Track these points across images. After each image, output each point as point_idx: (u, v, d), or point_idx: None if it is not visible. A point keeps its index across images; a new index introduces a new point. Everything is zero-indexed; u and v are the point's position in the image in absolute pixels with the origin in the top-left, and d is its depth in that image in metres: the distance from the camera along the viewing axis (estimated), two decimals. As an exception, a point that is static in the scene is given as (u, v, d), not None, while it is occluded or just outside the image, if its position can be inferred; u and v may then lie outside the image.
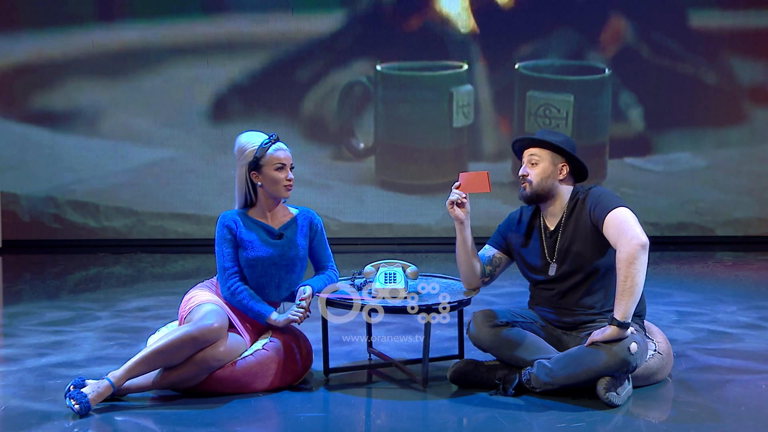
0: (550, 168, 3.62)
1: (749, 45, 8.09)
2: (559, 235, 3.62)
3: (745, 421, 3.33)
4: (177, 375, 3.49)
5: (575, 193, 3.65)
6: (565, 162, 3.63)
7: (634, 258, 3.34)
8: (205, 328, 3.48)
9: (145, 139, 8.10)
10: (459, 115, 7.94)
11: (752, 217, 8.19)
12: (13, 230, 8.06)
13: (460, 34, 8.06)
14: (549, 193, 3.63)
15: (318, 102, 8.13)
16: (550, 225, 3.67)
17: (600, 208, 3.51)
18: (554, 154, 3.63)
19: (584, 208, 3.58)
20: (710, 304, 5.44)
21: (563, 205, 3.65)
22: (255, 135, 3.79)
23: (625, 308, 3.35)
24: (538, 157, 3.63)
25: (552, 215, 3.67)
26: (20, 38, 8.01)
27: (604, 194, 3.57)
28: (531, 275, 3.72)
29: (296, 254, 3.78)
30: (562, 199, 3.65)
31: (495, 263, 3.80)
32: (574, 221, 3.60)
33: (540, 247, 3.67)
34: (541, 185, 3.62)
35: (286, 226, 3.81)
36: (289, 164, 3.77)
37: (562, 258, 3.60)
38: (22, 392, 3.65)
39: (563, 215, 3.64)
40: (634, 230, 3.39)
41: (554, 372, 3.44)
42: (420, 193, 8.13)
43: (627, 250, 3.35)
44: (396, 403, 3.56)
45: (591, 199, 3.57)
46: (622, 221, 3.44)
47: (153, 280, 6.75)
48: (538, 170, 3.62)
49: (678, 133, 8.19)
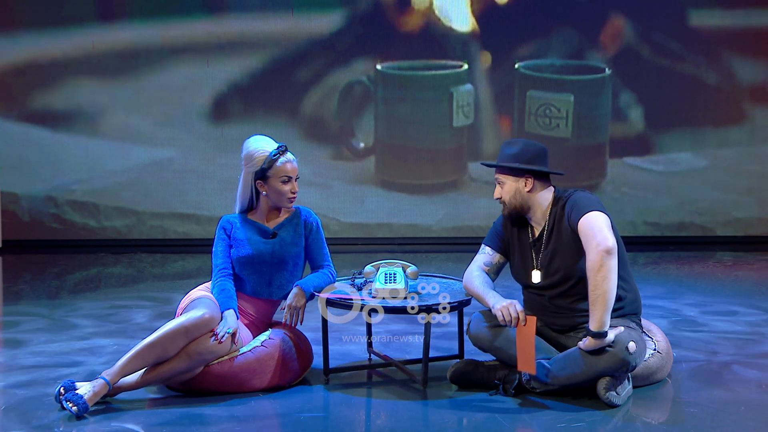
0: (514, 185, 3.64)
1: (749, 45, 8.09)
2: (543, 243, 3.62)
3: (745, 421, 3.33)
4: (169, 367, 3.48)
5: (557, 199, 3.64)
6: (527, 174, 3.62)
7: (600, 265, 3.32)
8: (196, 319, 3.49)
9: (145, 139, 8.10)
10: (459, 115, 7.93)
11: (752, 217, 8.19)
12: (13, 230, 8.06)
13: (460, 34, 8.06)
14: (525, 206, 3.63)
15: (318, 102, 8.13)
16: (535, 232, 3.67)
17: (575, 214, 3.49)
18: (513, 171, 3.63)
19: (564, 214, 3.56)
20: (710, 304, 5.44)
21: (545, 212, 3.64)
22: (265, 141, 3.79)
23: (599, 318, 3.33)
24: (502, 178, 3.67)
25: (536, 223, 3.67)
26: (20, 38, 8.00)
27: (581, 198, 3.53)
28: (520, 279, 3.72)
29: (288, 252, 3.78)
30: (542, 206, 3.63)
31: (497, 267, 3.77)
32: (556, 229, 3.59)
33: (527, 252, 3.67)
34: (513, 203, 3.64)
35: (281, 225, 3.83)
36: (296, 176, 3.78)
37: (547, 266, 3.59)
38: (21, 392, 3.65)
39: (545, 223, 3.64)
40: (601, 234, 3.36)
41: (554, 373, 3.44)
42: (420, 193, 8.12)
43: (592, 258, 3.34)
44: (396, 403, 3.56)
45: (569, 205, 3.55)
46: (591, 226, 3.41)
47: (153, 280, 6.75)
48: (505, 190, 3.65)
49: (678, 133, 8.18)
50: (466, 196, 8.05)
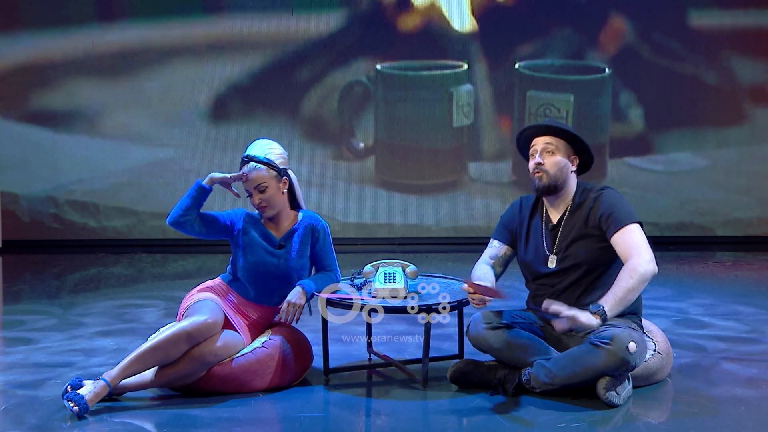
0: (564, 159, 3.59)
1: (749, 45, 8.09)
2: (561, 229, 3.60)
3: (745, 421, 3.33)
4: (174, 371, 3.49)
5: (581, 189, 3.63)
6: (576, 155, 3.62)
7: (646, 280, 3.37)
8: (199, 324, 3.49)
9: (145, 139, 8.10)
10: (459, 115, 7.93)
11: (752, 217, 8.18)
12: (13, 230, 8.06)
13: (460, 34, 8.06)
14: (560, 184, 3.59)
15: (318, 102, 8.13)
16: (552, 218, 3.65)
17: (615, 219, 3.49)
18: (568, 145, 3.61)
19: (595, 209, 3.55)
20: (710, 305, 5.44)
21: (569, 199, 3.63)
22: None
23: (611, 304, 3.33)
24: (554, 147, 3.59)
25: (556, 208, 3.65)
26: (20, 38, 8.00)
27: (619, 204, 3.53)
28: (531, 267, 3.68)
29: (292, 267, 3.76)
30: (569, 192, 3.63)
31: (504, 259, 3.75)
32: (578, 217, 3.58)
33: (541, 239, 3.65)
34: (557, 176, 3.58)
35: (288, 235, 3.79)
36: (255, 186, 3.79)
37: (563, 252, 3.58)
38: (21, 393, 3.65)
39: (567, 209, 3.62)
40: (650, 254, 3.42)
41: (554, 372, 3.43)
42: (420, 193, 8.12)
43: (646, 269, 3.36)
44: (396, 403, 3.56)
45: (605, 204, 3.53)
46: (638, 240, 3.45)
47: (153, 280, 6.75)
48: (554, 160, 3.58)
49: (678, 133, 8.18)
50: (466, 196, 8.05)
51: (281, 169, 3.75)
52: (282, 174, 3.75)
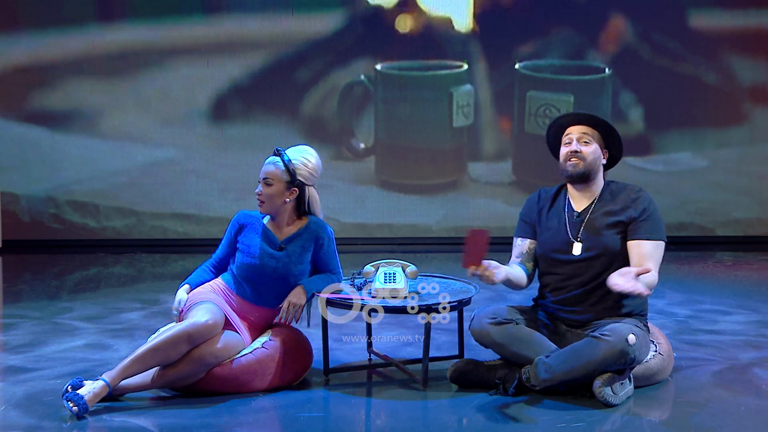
0: (598, 151, 3.67)
1: (749, 45, 8.09)
2: (587, 217, 3.63)
3: (745, 421, 3.33)
4: (175, 372, 3.49)
5: (607, 183, 3.71)
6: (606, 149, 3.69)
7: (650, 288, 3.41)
8: (199, 325, 3.49)
9: (145, 139, 8.10)
10: (459, 115, 7.93)
11: (752, 217, 8.19)
12: (13, 230, 8.06)
13: (460, 34, 8.06)
14: (594, 175, 3.66)
15: (318, 102, 8.13)
16: (576, 207, 3.68)
17: (648, 227, 3.57)
18: (601, 138, 3.68)
19: (630, 206, 3.60)
20: (709, 305, 5.44)
21: (596, 190, 3.67)
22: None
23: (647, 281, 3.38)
24: (590, 137, 3.67)
25: (581, 198, 3.68)
26: (20, 38, 8.00)
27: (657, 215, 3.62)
28: (552, 255, 3.66)
29: (290, 271, 3.74)
30: (598, 184, 3.69)
31: (531, 254, 3.75)
32: (606, 209, 3.63)
33: (564, 227, 3.66)
34: (592, 165, 3.65)
35: (291, 239, 3.78)
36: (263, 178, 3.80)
37: (588, 239, 3.60)
38: (21, 392, 3.65)
39: (594, 200, 3.65)
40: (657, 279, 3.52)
41: (553, 367, 3.41)
42: (420, 193, 8.12)
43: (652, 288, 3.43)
44: (396, 403, 3.56)
45: (643, 206, 3.61)
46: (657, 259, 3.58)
47: (153, 280, 6.75)
48: (590, 149, 3.65)
49: (678, 133, 8.19)
50: (466, 196, 8.05)
51: (297, 179, 3.72)
52: (294, 183, 3.73)
